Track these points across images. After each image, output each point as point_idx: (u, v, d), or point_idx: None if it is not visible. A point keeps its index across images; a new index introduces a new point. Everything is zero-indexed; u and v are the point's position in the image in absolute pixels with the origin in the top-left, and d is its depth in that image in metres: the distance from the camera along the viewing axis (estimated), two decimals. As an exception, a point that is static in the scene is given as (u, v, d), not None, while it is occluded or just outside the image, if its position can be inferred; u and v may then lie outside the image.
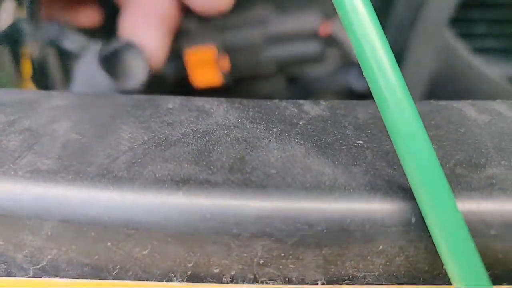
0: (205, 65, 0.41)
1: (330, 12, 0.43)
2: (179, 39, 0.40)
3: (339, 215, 0.15)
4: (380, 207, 0.15)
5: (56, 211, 0.16)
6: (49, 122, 0.19)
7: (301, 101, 0.20)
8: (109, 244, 0.16)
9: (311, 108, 0.20)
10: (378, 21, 0.15)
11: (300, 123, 0.19)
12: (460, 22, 0.42)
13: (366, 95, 0.45)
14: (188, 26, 0.40)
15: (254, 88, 0.47)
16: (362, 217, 0.15)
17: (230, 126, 0.19)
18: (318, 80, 0.44)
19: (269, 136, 0.18)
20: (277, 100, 0.20)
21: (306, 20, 0.41)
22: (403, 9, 0.41)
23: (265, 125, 0.19)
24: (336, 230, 0.15)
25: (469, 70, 0.42)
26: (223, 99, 0.21)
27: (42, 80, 0.37)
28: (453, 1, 0.38)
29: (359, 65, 0.40)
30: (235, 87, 0.46)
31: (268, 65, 0.43)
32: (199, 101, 0.20)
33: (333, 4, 0.41)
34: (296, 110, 0.20)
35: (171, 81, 0.42)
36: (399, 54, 0.42)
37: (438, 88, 0.44)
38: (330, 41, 0.41)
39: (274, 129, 0.19)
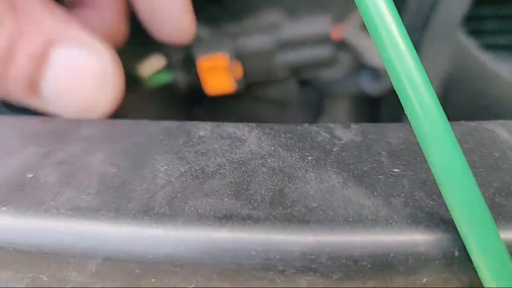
0: (218, 72, 0.41)
1: (342, 16, 0.42)
2: (192, 47, 0.40)
3: (383, 249, 0.15)
4: (422, 240, 0.15)
5: (100, 249, 0.16)
6: (83, 154, 0.19)
7: (332, 125, 0.20)
8: (153, 280, 0.16)
9: (343, 133, 0.20)
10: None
11: (334, 150, 0.19)
12: (472, 19, 0.42)
13: (379, 98, 0.45)
14: (200, 34, 0.40)
15: (266, 93, 0.47)
16: (405, 251, 0.15)
17: (264, 155, 0.19)
18: (331, 83, 0.44)
19: (305, 165, 0.18)
20: (307, 125, 0.21)
21: (318, 25, 0.41)
22: (415, 8, 0.41)
23: (299, 152, 0.19)
24: (380, 264, 0.15)
25: (482, 70, 0.42)
26: (253, 124, 0.21)
27: None
28: None
29: (371, 68, 0.40)
30: (247, 92, 0.46)
31: (281, 70, 0.43)
32: (229, 127, 0.20)
33: (344, 9, 0.40)
34: (328, 136, 0.20)
35: (183, 88, 0.42)
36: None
37: (451, 89, 0.44)
38: (342, 45, 0.41)
39: (309, 157, 0.19)
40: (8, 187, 0.18)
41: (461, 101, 0.44)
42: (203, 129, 0.20)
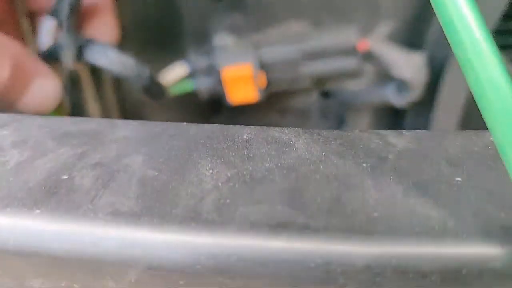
0: (242, 82, 0.40)
1: (368, 27, 0.41)
2: (216, 56, 0.39)
3: (454, 264, 0.14)
4: (498, 255, 0.14)
5: (141, 257, 0.15)
6: (119, 156, 0.18)
7: (384, 132, 0.19)
8: (200, 293, 0.15)
9: (396, 140, 0.19)
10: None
11: (390, 157, 0.18)
12: (501, 34, 0.41)
13: (402, 110, 0.43)
14: (224, 43, 0.39)
15: (289, 103, 0.45)
16: (480, 266, 0.14)
17: (315, 161, 0.18)
18: (354, 94, 0.43)
19: (361, 172, 0.17)
20: (357, 131, 0.19)
21: (345, 36, 0.40)
22: (441, 28, 0.40)
23: (352, 160, 0.18)
24: (452, 279, 0.14)
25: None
26: (299, 130, 0.19)
27: (75, 96, 0.36)
28: (497, 13, 0.37)
29: (397, 80, 0.39)
30: (269, 101, 0.45)
31: (305, 81, 0.42)
32: (274, 132, 0.19)
33: (370, 19, 0.39)
34: (381, 142, 0.19)
35: (205, 97, 0.41)
36: (438, 71, 0.41)
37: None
38: (368, 56, 0.40)
39: (364, 165, 0.17)
40: (42, 189, 0.17)
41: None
42: (247, 133, 0.19)
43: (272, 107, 0.47)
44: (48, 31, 0.37)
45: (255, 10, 0.41)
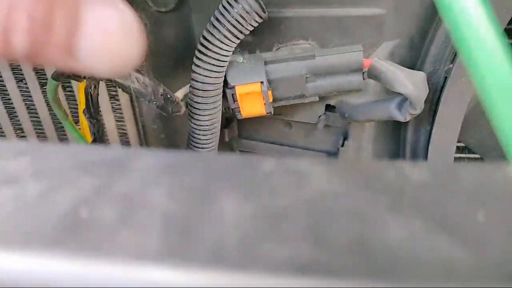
0: (252, 98, 0.39)
1: (372, 46, 0.40)
2: (228, 74, 0.38)
3: (483, 309, 0.13)
4: (525, 299, 0.13)
5: (167, 298, 0.14)
6: (141, 188, 0.17)
7: (399, 164, 0.18)
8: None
9: (413, 172, 0.18)
10: None
11: (408, 191, 0.17)
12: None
13: (404, 124, 0.42)
14: (237, 60, 0.38)
15: (294, 115, 0.44)
16: (507, 311, 0.13)
17: (335, 194, 0.16)
18: (359, 108, 0.41)
19: (381, 207, 0.16)
20: (373, 161, 0.18)
21: (351, 54, 0.38)
22: (443, 41, 0.39)
23: (372, 193, 0.16)
24: (479, 324, 0.13)
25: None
26: (317, 160, 0.18)
27: (94, 114, 0.35)
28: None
29: (399, 95, 0.38)
30: (276, 114, 0.44)
31: (310, 96, 0.41)
32: (293, 162, 0.18)
33: (374, 38, 0.38)
34: (397, 174, 0.17)
35: (224, 112, 0.40)
36: (439, 84, 0.40)
37: (480, 112, 0.41)
38: (372, 73, 0.39)
39: (383, 198, 0.16)
40: (61, 225, 0.16)
41: (487, 125, 0.42)
42: (268, 163, 0.18)
43: (278, 119, 0.46)
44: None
45: (265, 30, 0.40)
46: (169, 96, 0.35)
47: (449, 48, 0.38)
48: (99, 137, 0.34)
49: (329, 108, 0.44)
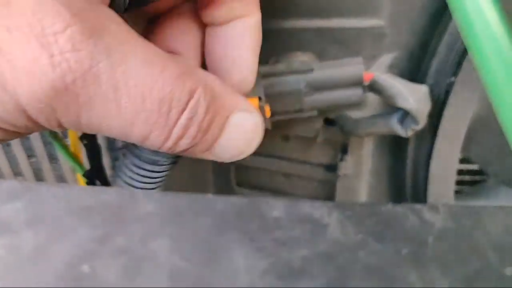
0: (250, 113, 0.37)
1: (372, 58, 0.39)
2: None
3: None
4: None
5: None
6: (144, 239, 0.16)
7: (418, 207, 0.17)
8: None
9: (433, 217, 0.17)
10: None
11: (429, 240, 0.16)
12: None
13: (404, 139, 0.42)
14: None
15: (293, 130, 0.43)
16: None
17: (353, 246, 0.16)
18: (359, 123, 0.41)
19: (402, 261, 0.15)
20: (390, 206, 0.17)
21: (351, 67, 0.38)
22: (445, 55, 0.38)
23: (391, 244, 0.16)
24: None
25: None
26: (331, 204, 0.17)
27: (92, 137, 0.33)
28: None
29: (401, 110, 0.37)
30: (275, 128, 0.42)
31: (309, 110, 0.40)
32: (305, 207, 0.17)
33: (374, 50, 0.37)
34: (417, 220, 0.17)
35: None
36: (441, 98, 0.39)
37: (478, 128, 0.41)
38: (372, 86, 0.38)
39: (404, 250, 0.15)
40: (62, 283, 0.15)
41: (488, 140, 0.42)
42: (276, 208, 0.17)
43: (276, 134, 0.45)
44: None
45: (262, 43, 0.39)
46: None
47: (450, 61, 0.38)
48: (96, 163, 0.32)
49: (328, 121, 0.43)
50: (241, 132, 0.23)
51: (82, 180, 0.33)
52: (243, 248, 0.16)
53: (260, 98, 0.37)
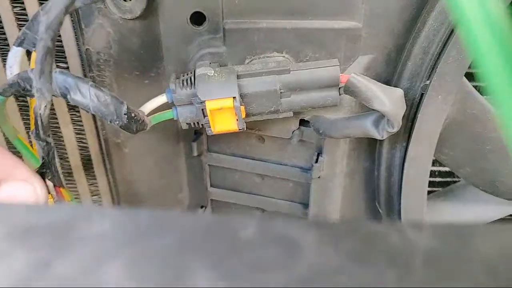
0: (223, 114, 0.35)
1: (348, 60, 0.37)
2: (198, 88, 0.34)
3: None
4: None
5: None
6: (94, 265, 0.13)
7: (401, 226, 0.15)
8: None
9: (417, 237, 0.15)
10: None
11: (416, 263, 0.14)
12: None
13: (382, 141, 0.40)
14: (207, 73, 0.34)
15: (268, 130, 0.41)
16: None
17: (331, 270, 0.13)
18: (334, 124, 0.39)
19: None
20: (370, 223, 0.15)
21: (328, 69, 0.36)
22: (420, 55, 0.36)
23: (374, 268, 0.13)
24: None
25: (484, 114, 0.38)
26: (306, 222, 0.15)
27: (43, 135, 0.30)
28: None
29: (376, 112, 0.35)
30: (250, 128, 0.40)
31: (285, 111, 0.37)
32: (280, 226, 0.15)
33: (350, 52, 0.35)
34: (400, 240, 0.14)
35: (186, 125, 0.36)
36: (415, 101, 0.38)
37: (453, 130, 0.39)
38: (348, 88, 0.36)
39: (389, 275, 0.13)
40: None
41: (460, 143, 0.40)
42: (247, 227, 0.15)
43: (251, 134, 0.43)
44: (14, 61, 0.31)
45: (237, 41, 0.36)
46: (133, 114, 0.31)
47: (425, 64, 0.36)
48: (48, 161, 0.29)
49: (303, 123, 0.41)
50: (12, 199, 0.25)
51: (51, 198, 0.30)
52: (209, 272, 0.13)
53: (234, 98, 0.34)
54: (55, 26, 0.24)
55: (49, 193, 0.29)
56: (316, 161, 0.42)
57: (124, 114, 0.30)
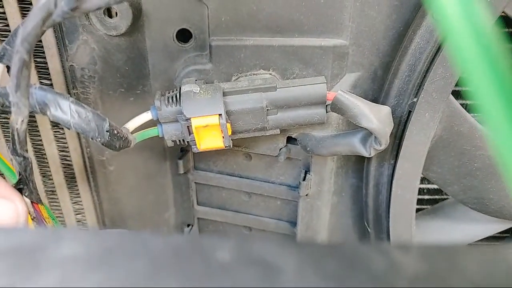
0: (209, 131, 0.34)
1: (335, 78, 0.37)
2: (184, 105, 0.33)
3: None
4: None
5: None
6: (59, 289, 0.12)
7: (386, 247, 0.14)
8: None
9: (403, 258, 0.14)
10: None
11: (399, 286, 0.13)
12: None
13: (370, 159, 0.40)
14: (193, 90, 0.34)
15: (255, 148, 0.40)
16: None
17: (312, 295, 0.12)
18: (322, 141, 0.38)
19: (370, 315, 0.12)
20: (354, 244, 0.14)
21: (314, 86, 0.35)
22: (407, 72, 0.36)
23: (357, 292, 0.13)
24: None
25: (471, 131, 0.38)
26: (285, 243, 0.14)
27: (20, 151, 0.29)
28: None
29: (364, 129, 0.35)
30: (236, 145, 0.39)
31: (271, 128, 0.37)
32: (258, 248, 0.14)
33: (337, 70, 0.35)
34: (385, 262, 0.14)
35: (171, 143, 0.35)
36: (403, 118, 0.37)
37: (439, 147, 0.39)
38: (335, 106, 0.36)
39: (372, 301, 0.12)
40: None
41: (448, 161, 0.40)
42: (222, 249, 0.14)
43: (238, 152, 0.42)
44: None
45: (224, 58, 0.36)
46: (115, 131, 0.30)
47: (412, 82, 0.36)
48: (25, 177, 0.28)
49: (290, 140, 0.40)
50: None
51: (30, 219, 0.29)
52: (180, 300, 0.12)
53: (220, 115, 0.34)
54: (31, 38, 0.24)
55: None
56: (304, 179, 0.41)
57: (106, 131, 0.30)
